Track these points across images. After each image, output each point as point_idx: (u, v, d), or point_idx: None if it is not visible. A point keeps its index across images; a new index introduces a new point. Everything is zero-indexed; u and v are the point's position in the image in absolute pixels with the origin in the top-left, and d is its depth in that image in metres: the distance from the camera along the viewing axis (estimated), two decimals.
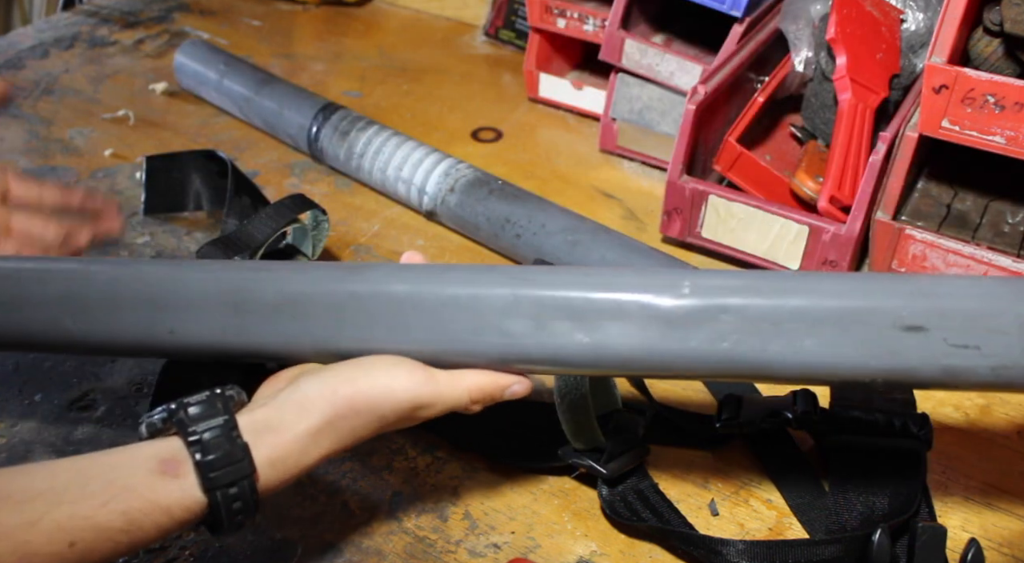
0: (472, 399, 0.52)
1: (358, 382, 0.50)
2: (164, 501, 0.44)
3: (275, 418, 0.48)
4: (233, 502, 0.46)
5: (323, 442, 0.49)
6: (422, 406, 0.51)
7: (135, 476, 0.44)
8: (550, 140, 1.00)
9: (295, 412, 0.48)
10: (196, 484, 0.45)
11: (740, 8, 0.84)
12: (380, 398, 0.49)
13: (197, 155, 0.84)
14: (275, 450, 0.47)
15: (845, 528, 0.57)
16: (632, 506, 0.59)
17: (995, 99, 0.65)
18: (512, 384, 0.53)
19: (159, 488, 0.44)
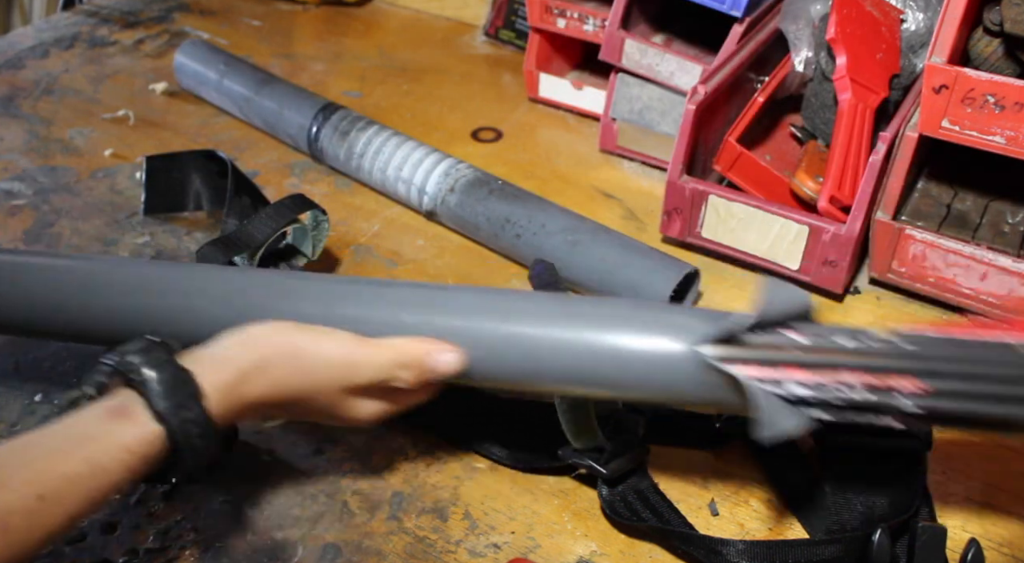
0: (398, 363, 0.53)
1: (296, 332, 0.53)
2: (122, 440, 0.46)
3: (218, 352, 0.51)
4: (189, 426, 0.47)
5: (259, 381, 0.51)
6: (352, 365, 0.52)
7: (90, 426, 0.46)
8: (550, 140, 1.00)
9: (236, 348, 0.51)
10: (149, 417, 0.47)
11: (740, 8, 0.84)
12: (312, 350, 0.52)
13: (197, 155, 0.84)
14: (219, 375, 0.49)
15: (845, 528, 0.57)
16: (632, 506, 0.59)
17: (995, 99, 0.65)
18: (441, 351, 0.53)
19: (114, 430, 0.46)
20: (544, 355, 0.53)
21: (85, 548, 0.58)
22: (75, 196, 0.90)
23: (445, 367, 0.53)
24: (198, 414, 0.47)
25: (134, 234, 0.85)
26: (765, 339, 0.50)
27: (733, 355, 0.49)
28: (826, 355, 0.48)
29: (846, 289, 0.79)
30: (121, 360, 0.48)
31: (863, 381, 0.47)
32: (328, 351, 0.52)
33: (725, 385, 0.50)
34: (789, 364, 0.48)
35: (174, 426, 0.47)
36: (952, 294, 0.75)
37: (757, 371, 0.49)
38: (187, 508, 0.60)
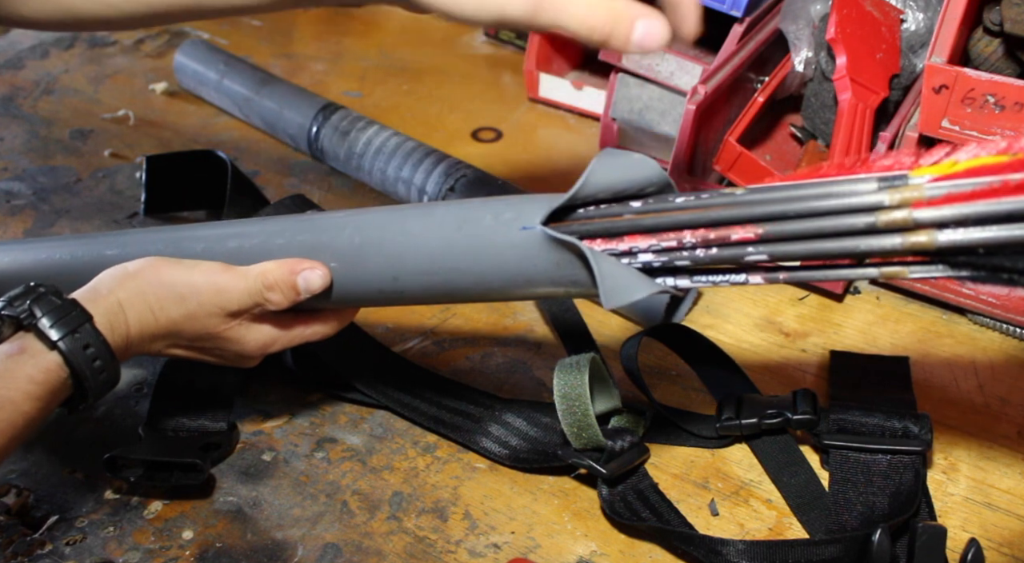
0: (265, 284, 0.55)
1: (165, 265, 0.55)
2: (22, 372, 0.48)
3: (97, 285, 0.54)
4: (84, 348, 0.50)
5: (139, 308, 0.53)
6: (221, 291, 0.55)
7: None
8: (550, 140, 1.00)
9: (113, 281, 0.54)
10: (44, 348, 0.49)
11: (740, 8, 0.84)
12: (183, 279, 0.55)
13: (197, 155, 0.84)
14: (102, 304, 0.52)
15: (845, 528, 0.57)
16: (632, 506, 0.59)
17: (995, 99, 0.65)
18: (305, 268, 0.55)
19: (12, 365, 0.48)
20: (400, 258, 0.54)
21: (85, 548, 0.58)
22: (75, 196, 0.90)
23: (309, 283, 0.55)
24: (90, 335, 0.50)
25: None
26: (606, 210, 0.49)
27: (575, 229, 0.48)
28: (661, 215, 0.47)
29: (846, 289, 0.79)
30: (8, 306, 0.50)
31: (701, 236, 0.46)
32: (197, 279, 0.55)
33: (573, 261, 0.49)
34: (629, 231, 0.47)
35: (69, 351, 0.49)
36: (952, 294, 0.75)
37: (603, 244, 0.48)
38: (187, 508, 0.60)
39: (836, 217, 0.43)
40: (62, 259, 0.64)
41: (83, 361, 0.50)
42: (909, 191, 0.41)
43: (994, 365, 0.71)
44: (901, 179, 0.41)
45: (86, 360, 0.50)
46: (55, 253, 0.65)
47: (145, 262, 0.55)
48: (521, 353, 0.72)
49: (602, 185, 0.49)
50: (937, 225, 0.40)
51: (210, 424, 0.64)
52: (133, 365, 0.71)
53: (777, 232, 0.44)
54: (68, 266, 0.64)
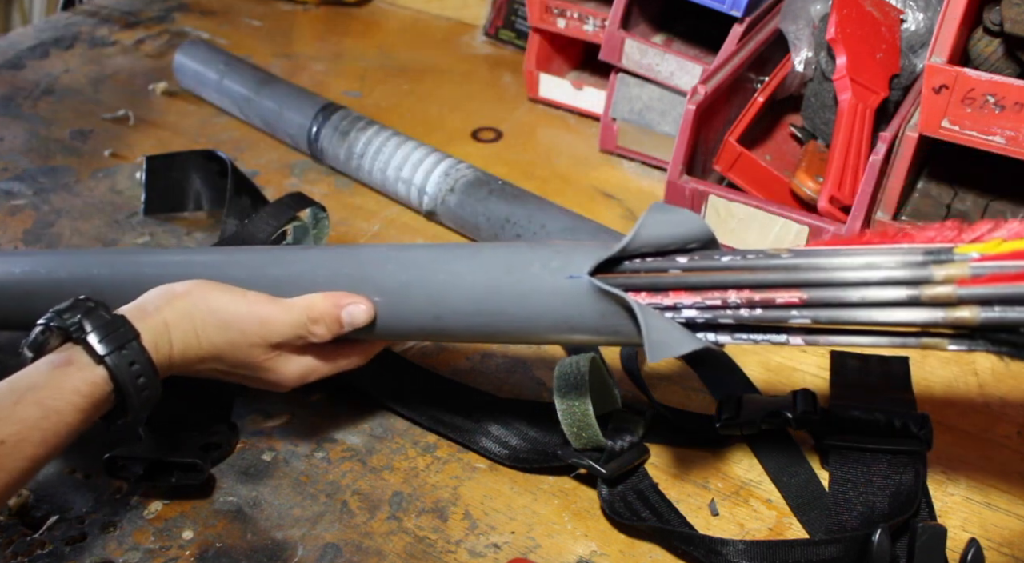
0: (310, 318, 0.55)
1: (212, 289, 0.55)
2: (69, 384, 0.49)
3: (144, 303, 0.54)
4: (130, 365, 0.50)
5: (184, 330, 0.54)
6: (265, 323, 0.55)
7: (37, 378, 0.49)
8: (550, 140, 1.00)
9: (160, 300, 0.54)
10: (91, 361, 0.50)
11: (740, 8, 0.84)
12: (229, 308, 0.55)
13: (197, 155, 0.84)
14: (148, 321, 0.52)
15: (845, 528, 0.57)
16: (632, 506, 0.59)
17: (995, 99, 0.65)
18: (349, 302, 0.55)
19: (59, 376, 0.49)
20: (445, 297, 0.54)
21: (85, 548, 0.58)
22: (75, 196, 0.90)
23: (354, 317, 0.55)
24: (136, 353, 0.51)
25: (134, 234, 0.85)
26: (652, 264, 0.50)
27: (621, 281, 0.49)
28: (707, 274, 0.48)
29: None
30: (57, 318, 0.51)
31: (745, 297, 0.47)
32: (242, 309, 0.55)
33: (618, 312, 0.49)
34: (675, 288, 0.48)
35: (115, 366, 0.50)
36: None
37: (648, 298, 0.49)
38: (187, 508, 0.60)
39: (881, 288, 0.44)
40: (100, 274, 0.64)
41: (128, 377, 0.50)
42: (955, 268, 0.42)
43: (994, 365, 0.71)
44: (946, 253, 0.43)
45: (131, 376, 0.50)
46: (94, 268, 0.65)
47: (193, 285, 0.56)
48: (521, 353, 0.72)
49: (649, 239, 0.50)
50: (981, 302, 0.42)
51: (210, 424, 0.64)
52: None
53: (821, 298, 0.45)
54: (107, 281, 0.64)
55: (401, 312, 0.56)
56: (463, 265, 0.54)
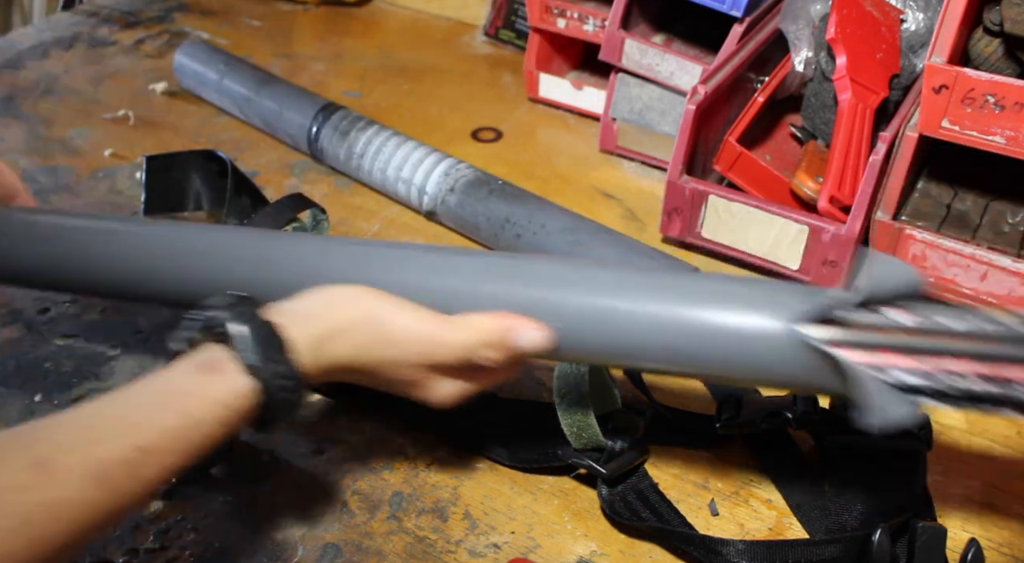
0: (482, 342, 0.51)
1: (378, 300, 0.51)
2: (214, 393, 0.46)
3: (301, 308, 0.51)
4: (280, 380, 0.47)
5: (342, 343, 0.50)
6: (434, 343, 0.51)
7: (182, 382, 0.46)
8: (550, 140, 1.00)
9: (320, 306, 0.51)
10: (241, 371, 0.47)
11: (740, 8, 0.84)
12: (396, 323, 0.51)
13: (197, 155, 0.84)
14: (305, 331, 0.49)
15: (845, 528, 0.57)
16: (632, 506, 0.59)
17: (995, 99, 0.65)
18: (526, 328, 0.51)
19: (206, 384, 0.46)
20: (634, 331, 0.50)
21: None
22: (75, 196, 0.90)
23: (530, 344, 0.51)
24: (288, 368, 0.48)
25: None
26: (868, 319, 0.46)
27: (835, 337, 0.46)
28: (932, 339, 0.45)
29: None
30: (208, 315, 0.48)
31: (975, 370, 0.44)
32: (410, 325, 0.51)
33: (824, 367, 0.46)
34: (891, 349, 0.45)
35: (266, 380, 0.47)
36: (952, 294, 0.75)
37: (860, 356, 0.45)
38: (187, 508, 0.60)
39: None
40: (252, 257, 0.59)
41: (275, 390, 0.47)
42: None
43: None
44: None
45: (278, 389, 0.47)
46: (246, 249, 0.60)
47: (358, 294, 0.52)
48: None
49: (863, 291, 0.47)
50: None
51: None
52: (133, 365, 0.71)
53: None
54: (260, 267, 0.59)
55: (577, 341, 0.52)
56: (656, 307, 0.50)
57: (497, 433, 0.64)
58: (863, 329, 0.46)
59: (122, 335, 0.73)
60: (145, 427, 0.44)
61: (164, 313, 0.75)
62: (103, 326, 0.74)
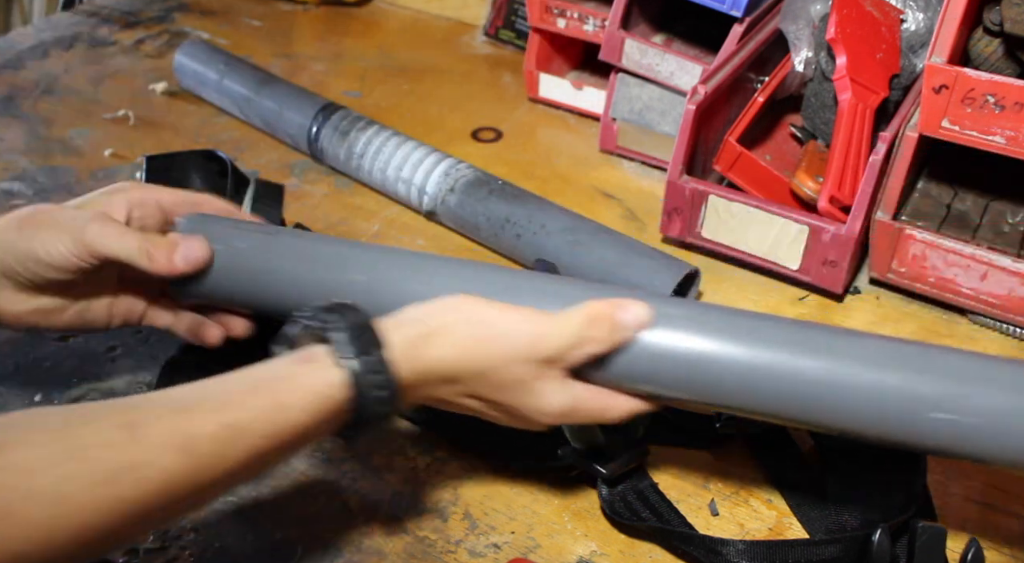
0: (587, 319, 0.50)
1: (482, 303, 0.51)
2: (306, 381, 0.46)
3: (402, 314, 0.51)
4: (370, 374, 0.47)
5: (441, 343, 0.49)
6: (540, 335, 0.50)
7: (275, 369, 0.47)
8: (550, 140, 1.00)
9: (420, 312, 0.51)
10: (332, 362, 0.47)
11: (740, 8, 0.84)
12: (499, 319, 0.50)
13: (197, 155, 0.84)
14: (401, 331, 0.49)
15: (845, 528, 0.57)
16: (632, 506, 0.59)
17: (995, 99, 0.65)
18: (630, 301, 0.51)
19: (299, 372, 0.47)
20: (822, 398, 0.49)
21: None
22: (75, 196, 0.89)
23: (635, 317, 0.51)
24: (379, 362, 0.47)
25: None
26: None
27: None
28: None
29: (846, 289, 0.79)
30: (310, 315, 0.49)
31: None
32: (514, 318, 0.51)
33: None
34: None
35: (356, 371, 0.47)
36: (952, 294, 0.75)
37: None
38: None
39: None
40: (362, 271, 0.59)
41: (366, 386, 0.47)
42: None
43: None
44: None
45: (369, 385, 0.47)
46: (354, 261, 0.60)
47: (460, 300, 0.51)
48: None
49: None
50: None
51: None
52: (133, 365, 0.71)
53: None
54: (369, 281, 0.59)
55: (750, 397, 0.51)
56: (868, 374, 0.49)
57: (497, 433, 0.64)
58: None
59: (122, 335, 0.73)
60: (234, 405, 0.44)
61: None
62: None
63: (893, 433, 0.49)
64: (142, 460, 0.41)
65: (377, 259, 0.60)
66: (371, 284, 0.58)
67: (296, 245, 0.61)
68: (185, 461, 0.42)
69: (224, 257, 0.61)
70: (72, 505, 0.39)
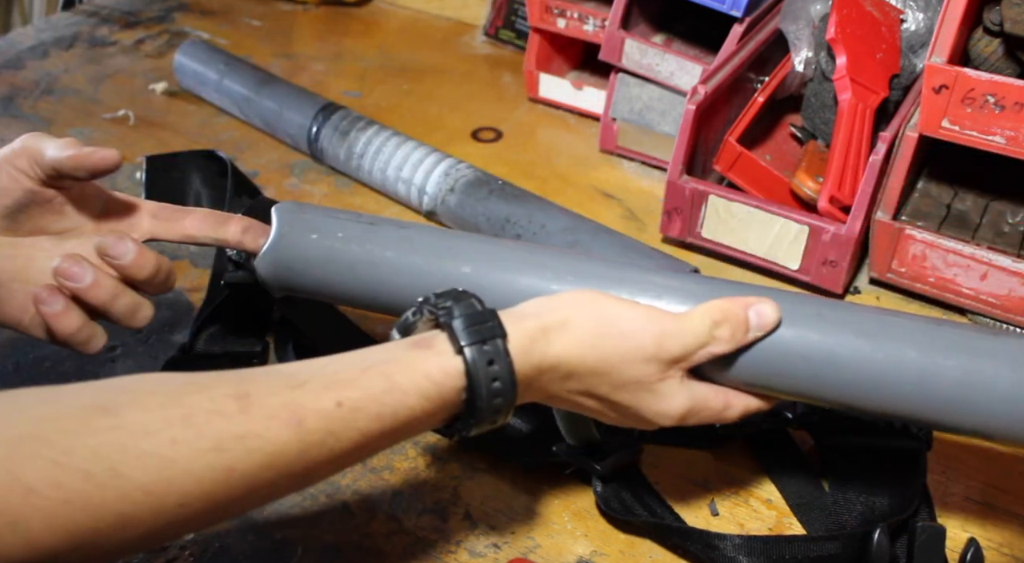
0: (712, 318, 0.49)
1: (605, 298, 0.50)
2: (421, 365, 0.45)
3: (523, 307, 0.49)
4: (489, 363, 0.45)
5: (562, 338, 0.48)
6: (664, 333, 0.49)
7: (391, 352, 0.45)
8: (550, 140, 1.00)
9: (542, 305, 0.49)
10: (450, 349, 0.46)
11: (740, 8, 0.84)
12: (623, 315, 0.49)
13: (197, 155, 0.84)
14: (522, 323, 0.47)
15: (845, 528, 0.57)
16: (626, 502, 0.59)
17: (995, 99, 0.65)
18: (755, 303, 0.50)
19: (415, 356, 0.45)
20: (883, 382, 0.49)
21: None
22: None
23: (762, 317, 0.50)
24: (498, 352, 0.46)
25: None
26: None
27: None
28: None
29: (846, 289, 0.79)
30: (430, 301, 0.48)
31: None
32: (641, 316, 0.49)
33: None
34: None
35: (473, 359, 0.45)
36: (952, 294, 0.75)
37: None
38: None
39: None
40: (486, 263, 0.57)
41: (483, 376, 0.45)
42: None
43: None
44: None
45: (486, 376, 0.45)
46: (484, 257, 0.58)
47: (581, 294, 0.50)
48: None
49: None
50: None
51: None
52: (133, 365, 0.71)
53: None
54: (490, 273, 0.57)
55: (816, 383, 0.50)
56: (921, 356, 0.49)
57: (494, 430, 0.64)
58: None
59: (122, 335, 0.73)
60: (347, 383, 0.43)
61: (165, 313, 0.75)
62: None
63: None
64: (252, 430, 0.40)
65: (485, 250, 0.57)
66: (479, 276, 0.56)
67: (399, 235, 0.59)
68: (294, 435, 0.41)
69: (322, 247, 0.59)
70: (179, 469, 0.38)
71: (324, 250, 0.58)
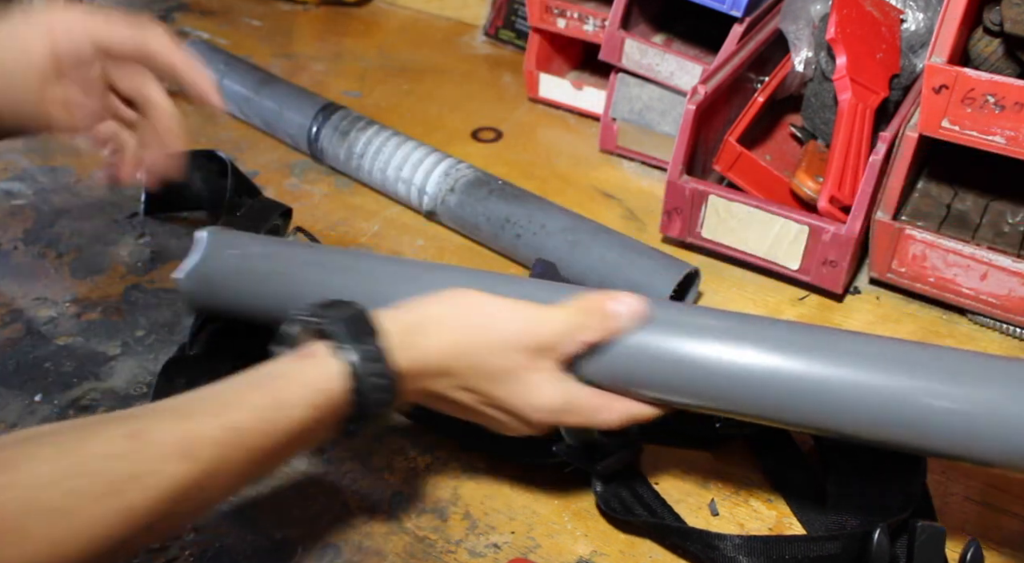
0: (582, 309, 0.51)
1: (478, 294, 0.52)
2: (305, 377, 0.46)
3: (406, 304, 0.51)
4: (368, 363, 0.47)
5: (438, 332, 0.50)
6: (535, 321, 0.51)
7: (275, 367, 0.47)
8: (550, 140, 1.00)
9: (417, 302, 0.51)
10: (331, 354, 0.47)
11: (740, 8, 0.84)
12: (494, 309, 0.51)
13: (197, 155, 0.84)
14: (398, 319, 0.50)
15: (845, 528, 0.57)
16: (625, 502, 0.59)
17: (995, 99, 0.65)
18: (623, 294, 0.52)
19: (297, 368, 0.47)
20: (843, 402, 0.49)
21: None
22: (75, 196, 0.90)
23: (627, 308, 0.51)
24: (376, 350, 0.48)
25: (134, 234, 0.85)
26: None
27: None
28: None
29: (846, 289, 0.79)
30: (308, 312, 0.49)
31: None
32: (508, 309, 0.51)
33: None
34: None
35: (354, 361, 0.47)
36: (952, 294, 0.75)
37: None
38: None
39: None
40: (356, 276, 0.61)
41: (365, 375, 0.47)
42: None
43: None
44: None
45: (367, 375, 0.47)
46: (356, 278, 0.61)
47: (456, 292, 0.52)
48: None
49: None
50: None
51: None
52: (133, 365, 0.71)
53: None
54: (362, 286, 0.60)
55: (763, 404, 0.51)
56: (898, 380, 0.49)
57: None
58: None
59: (122, 335, 0.73)
60: (234, 407, 0.44)
61: (165, 313, 0.75)
62: (103, 326, 0.74)
63: (896, 435, 0.50)
64: (147, 469, 0.41)
65: (377, 266, 0.61)
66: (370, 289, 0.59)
67: (304, 253, 0.64)
68: (189, 467, 0.42)
69: (238, 260, 0.64)
70: (80, 518, 0.39)
71: (239, 263, 0.64)
